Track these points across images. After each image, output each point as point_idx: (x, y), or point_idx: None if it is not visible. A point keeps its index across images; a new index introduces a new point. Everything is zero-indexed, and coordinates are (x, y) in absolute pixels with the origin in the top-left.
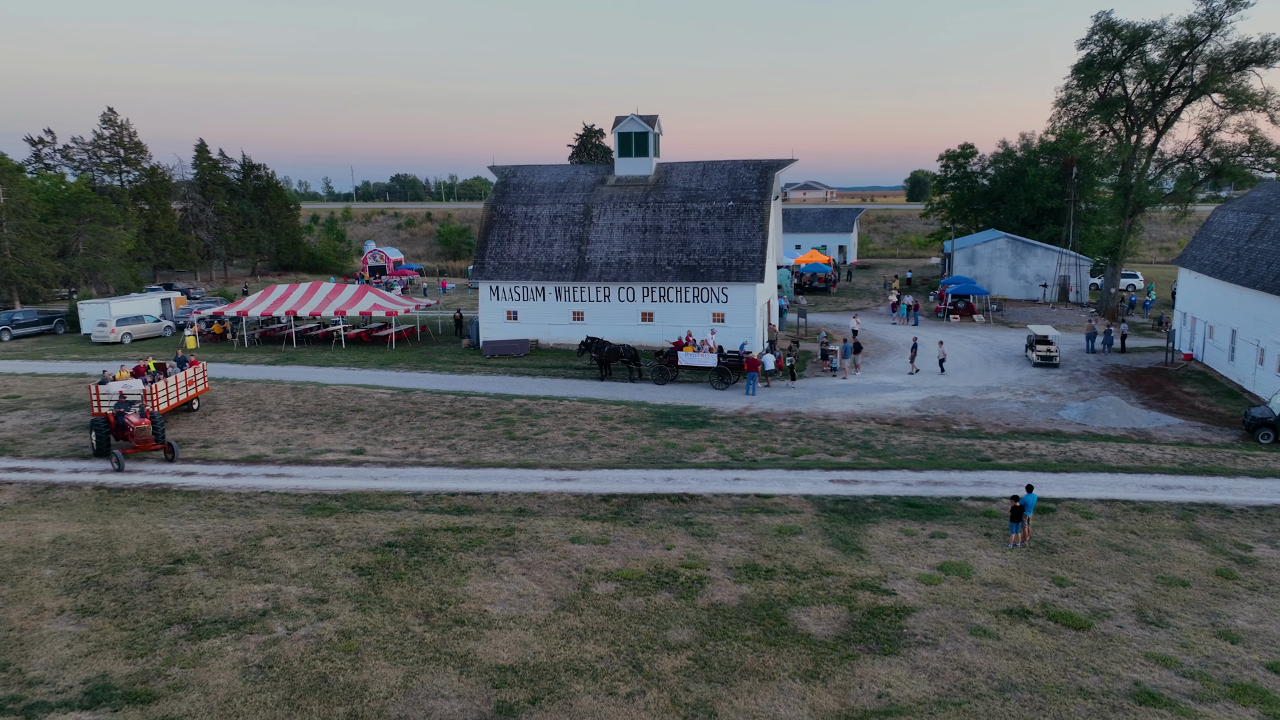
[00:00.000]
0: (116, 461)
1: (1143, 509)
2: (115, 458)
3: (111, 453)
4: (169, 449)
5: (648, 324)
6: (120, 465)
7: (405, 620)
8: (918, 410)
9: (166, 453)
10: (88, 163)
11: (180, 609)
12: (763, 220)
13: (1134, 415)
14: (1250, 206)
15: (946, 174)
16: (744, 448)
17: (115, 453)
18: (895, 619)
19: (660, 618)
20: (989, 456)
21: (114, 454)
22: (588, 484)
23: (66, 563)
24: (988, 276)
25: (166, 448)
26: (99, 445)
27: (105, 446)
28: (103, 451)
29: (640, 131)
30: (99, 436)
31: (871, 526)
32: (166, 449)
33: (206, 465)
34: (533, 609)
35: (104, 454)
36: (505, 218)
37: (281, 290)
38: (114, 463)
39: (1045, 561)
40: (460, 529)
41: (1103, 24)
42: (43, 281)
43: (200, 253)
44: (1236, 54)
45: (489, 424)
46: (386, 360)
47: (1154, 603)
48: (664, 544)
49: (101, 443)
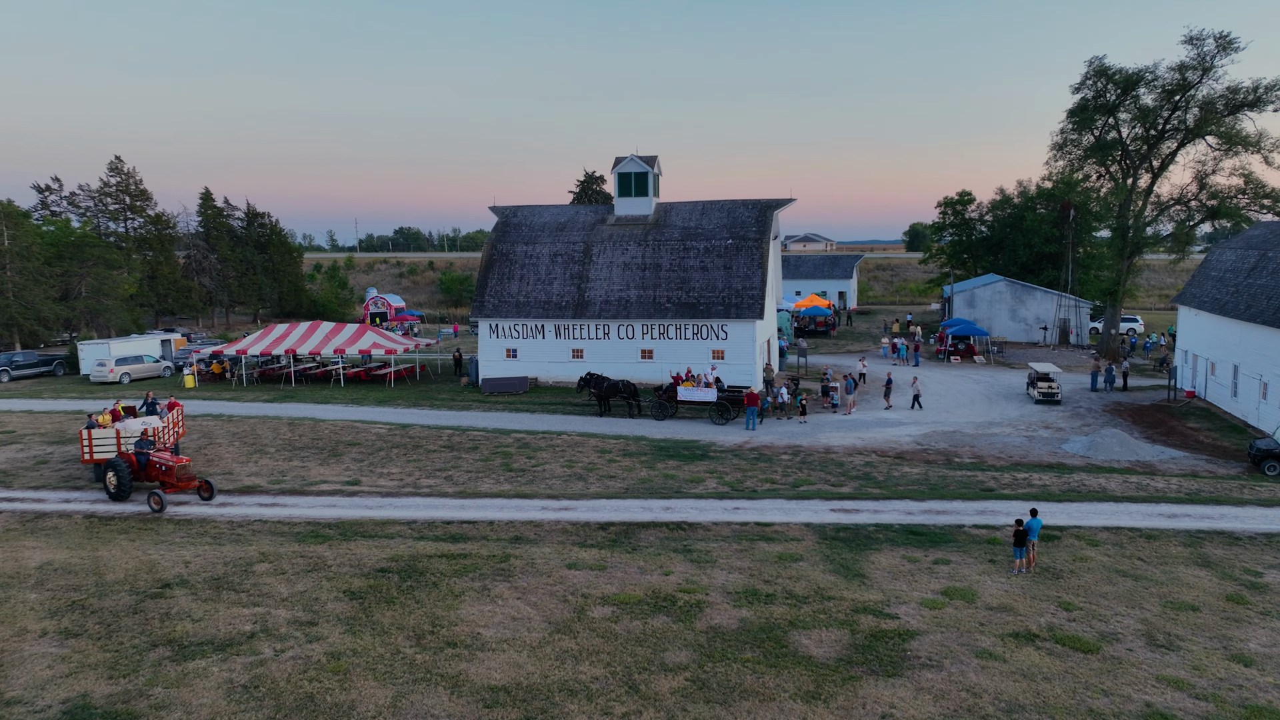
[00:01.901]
0: (158, 502)
1: (1149, 536)
2: (157, 497)
3: (153, 493)
4: (207, 487)
5: (647, 361)
6: (163, 506)
7: (396, 642)
8: (919, 444)
9: (204, 491)
10: (93, 209)
11: (166, 631)
12: (761, 258)
13: (1138, 448)
14: (1248, 244)
15: (945, 220)
16: (744, 479)
17: (157, 492)
18: (898, 642)
19: (657, 640)
20: (992, 487)
21: (155, 494)
22: (585, 513)
23: (52, 587)
24: (987, 319)
25: (204, 486)
26: (120, 487)
27: (127, 488)
28: (123, 493)
29: (640, 172)
30: (121, 478)
31: (873, 553)
32: (204, 487)
33: (171, 493)
34: (527, 631)
35: (123, 496)
36: (505, 256)
37: (281, 329)
38: (154, 503)
39: (1051, 587)
40: (455, 555)
41: (1096, 69)
42: (44, 324)
43: (203, 299)
44: (1229, 98)
45: (486, 456)
46: (385, 398)
47: (1164, 626)
48: (662, 570)
49: (124, 484)
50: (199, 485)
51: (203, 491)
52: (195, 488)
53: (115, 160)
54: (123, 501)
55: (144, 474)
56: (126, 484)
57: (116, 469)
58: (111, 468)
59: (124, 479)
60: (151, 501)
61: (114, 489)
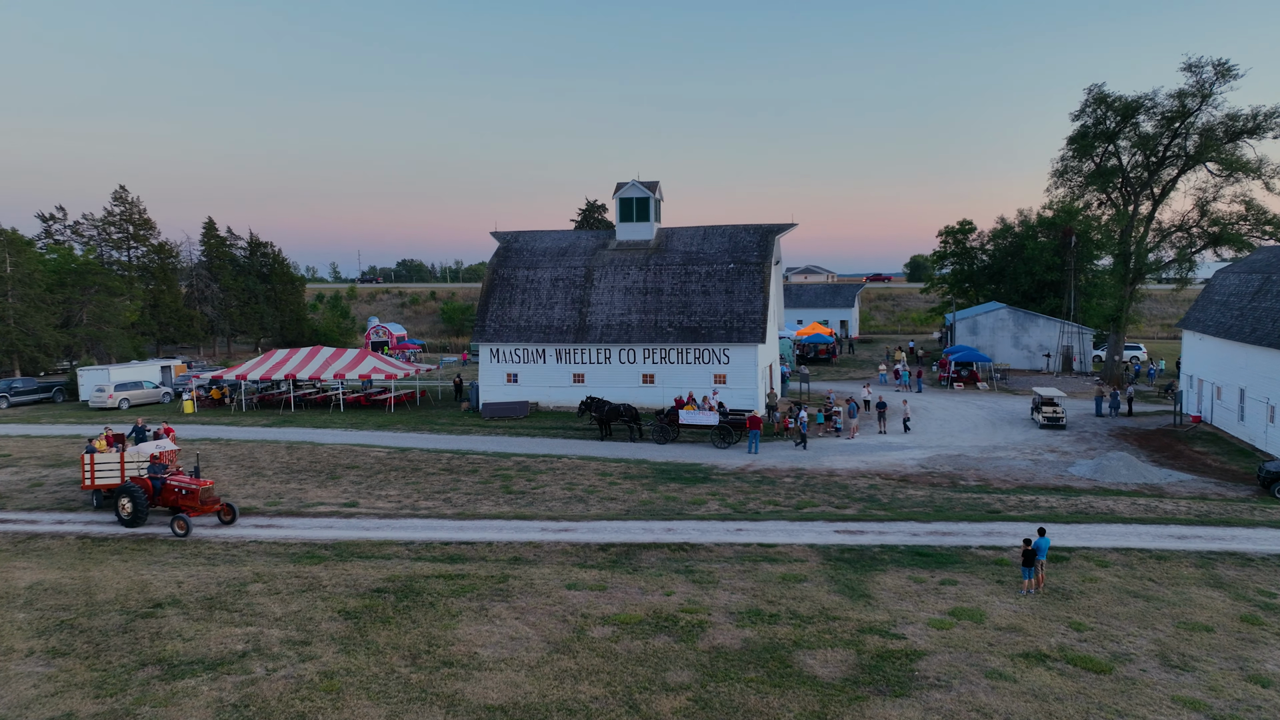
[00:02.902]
0: (184, 526)
1: (1160, 557)
2: (182, 521)
3: (177, 517)
4: (228, 510)
5: (649, 385)
6: (188, 529)
7: (391, 661)
8: (924, 467)
9: (225, 515)
10: (97, 239)
11: (156, 650)
12: (763, 282)
13: (1145, 471)
14: (1251, 268)
15: (946, 249)
16: (746, 501)
17: (182, 517)
18: (906, 662)
19: (659, 660)
20: (998, 509)
21: (180, 518)
22: (585, 534)
23: (41, 607)
24: (990, 347)
25: (226, 509)
26: (136, 513)
27: (144, 514)
28: (139, 519)
29: (641, 197)
30: (137, 503)
31: (879, 574)
32: (226, 510)
33: (195, 517)
34: (525, 651)
35: (139, 522)
36: (506, 281)
37: (281, 354)
38: (179, 528)
39: (1061, 607)
40: (452, 576)
41: (1096, 96)
42: (45, 351)
43: (204, 328)
44: (1228, 125)
45: (486, 479)
46: (384, 422)
47: (1177, 647)
48: (663, 590)
49: (140, 510)
50: (220, 508)
51: (223, 515)
52: (217, 510)
53: (120, 190)
54: (137, 527)
55: (158, 499)
56: (144, 509)
57: (132, 494)
58: (126, 493)
59: (140, 504)
60: (176, 526)
61: (128, 515)
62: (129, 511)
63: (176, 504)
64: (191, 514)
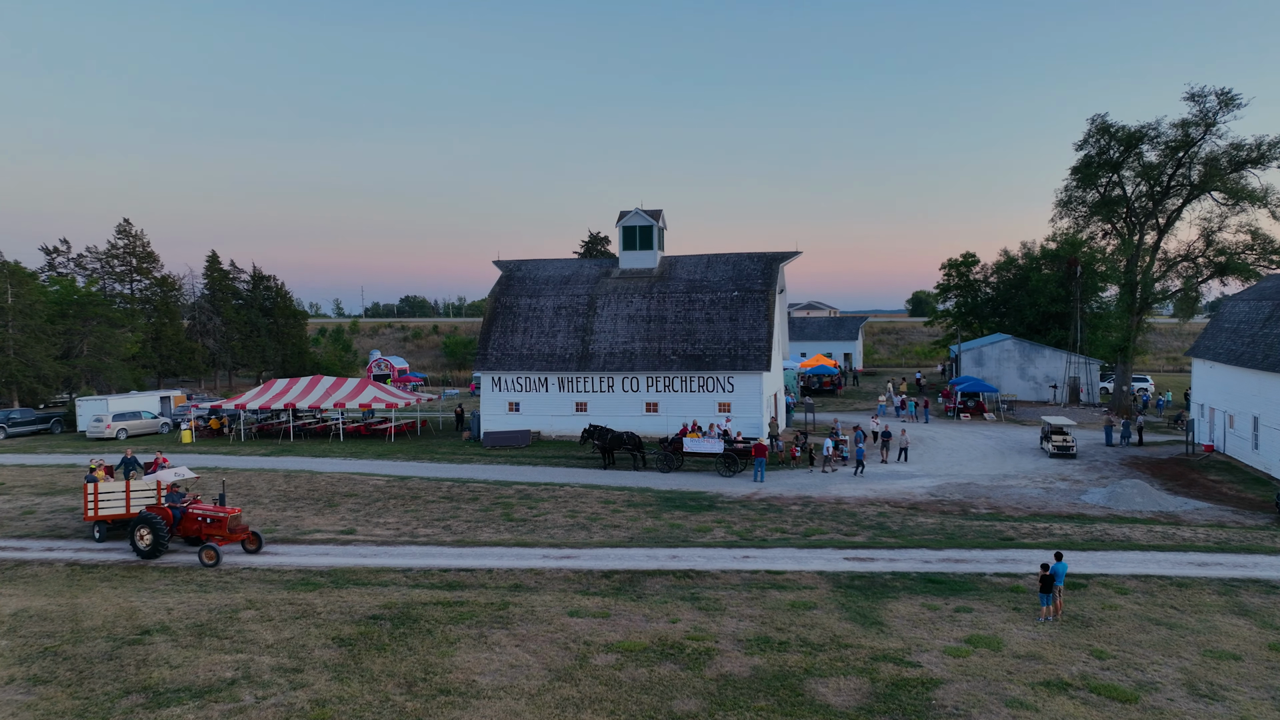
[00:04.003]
0: (213, 555)
1: (1181, 584)
2: (211, 551)
3: (206, 547)
4: (254, 539)
5: (652, 414)
6: (218, 558)
7: (386, 689)
8: (933, 495)
9: (250, 544)
10: (100, 271)
11: (141, 678)
12: (768, 309)
13: (1160, 499)
14: (1261, 295)
15: (950, 282)
16: (753, 528)
17: (211, 546)
18: (922, 690)
19: (665, 688)
20: (1011, 536)
21: (209, 548)
22: (588, 561)
23: (25, 634)
24: (996, 378)
25: (252, 538)
26: (156, 544)
27: (165, 544)
28: (158, 550)
29: (645, 225)
30: (158, 534)
31: (891, 601)
32: (252, 539)
33: (187, 545)
34: (525, 679)
35: (158, 553)
36: (509, 309)
37: (281, 384)
38: (208, 557)
39: (1081, 635)
40: (451, 603)
41: (1099, 126)
42: (44, 381)
43: (206, 361)
44: (1232, 155)
45: (486, 507)
46: (384, 452)
47: (1205, 676)
48: (669, 617)
49: (161, 541)
50: (246, 536)
51: (249, 544)
52: (242, 539)
53: (124, 223)
54: (155, 559)
55: (177, 528)
56: (164, 540)
57: (153, 525)
58: (146, 524)
59: (161, 535)
60: (204, 556)
61: (147, 546)
62: (148, 542)
63: (199, 534)
64: (220, 543)
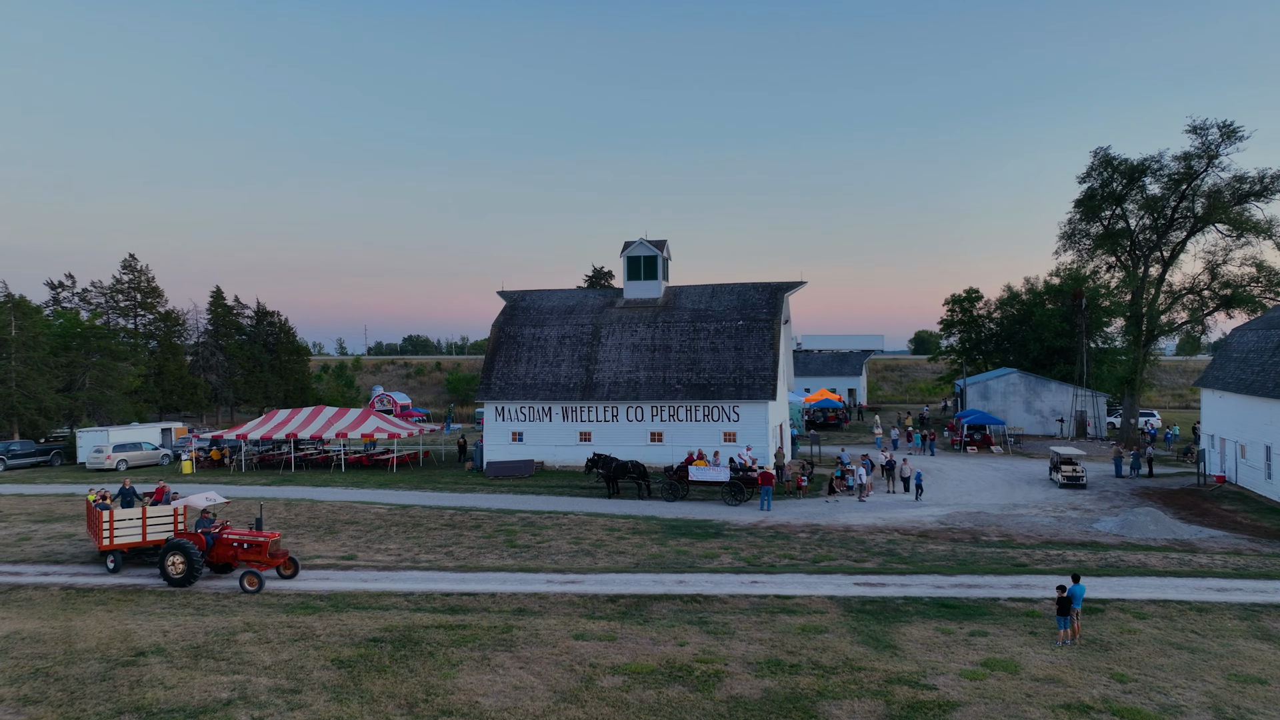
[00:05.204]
0: (256, 581)
1: (1200, 609)
2: (253, 577)
3: (249, 573)
4: (291, 564)
5: (657, 444)
6: (260, 584)
7: (386, 710)
8: (943, 524)
9: (286, 569)
10: (104, 306)
11: (135, 699)
12: (773, 339)
13: (1174, 527)
14: (1269, 324)
15: (953, 318)
16: (761, 555)
17: (253, 572)
18: (939, 713)
19: (673, 710)
20: (1024, 562)
21: (251, 573)
22: (593, 586)
23: (16, 655)
24: (1002, 411)
25: (289, 563)
26: (190, 571)
27: (199, 571)
28: (192, 577)
29: (649, 255)
30: (192, 561)
31: (904, 625)
32: (289, 564)
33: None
34: (530, 700)
35: (191, 581)
36: (513, 339)
37: (283, 415)
38: (250, 583)
39: (1100, 658)
40: (453, 626)
41: (1102, 159)
42: (45, 414)
43: (208, 396)
44: (1235, 187)
45: (489, 534)
46: (386, 481)
47: (1232, 700)
48: (676, 641)
49: (195, 568)
50: (283, 561)
51: (284, 569)
52: (279, 564)
53: (129, 258)
54: (188, 585)
55: (209, 555)
56: (198, 567)
57: (186, 551)
58: (178, 550)
59: (195, 562)
60: (246, 582)
61: (180, 573)
62: (181, 569)
63: (231, 560)
64: (261, 569)
